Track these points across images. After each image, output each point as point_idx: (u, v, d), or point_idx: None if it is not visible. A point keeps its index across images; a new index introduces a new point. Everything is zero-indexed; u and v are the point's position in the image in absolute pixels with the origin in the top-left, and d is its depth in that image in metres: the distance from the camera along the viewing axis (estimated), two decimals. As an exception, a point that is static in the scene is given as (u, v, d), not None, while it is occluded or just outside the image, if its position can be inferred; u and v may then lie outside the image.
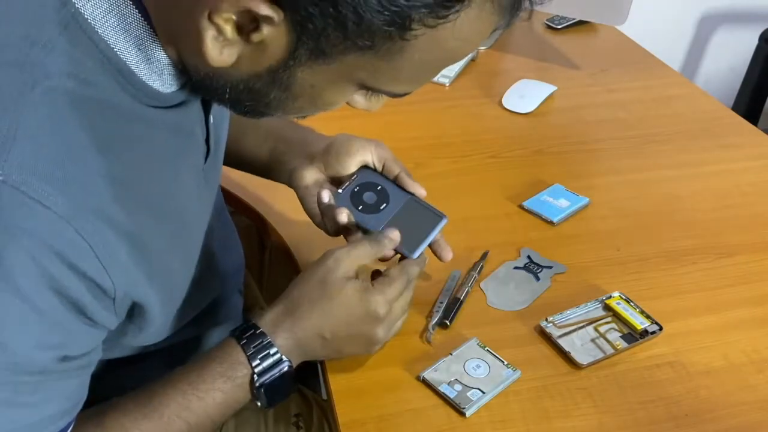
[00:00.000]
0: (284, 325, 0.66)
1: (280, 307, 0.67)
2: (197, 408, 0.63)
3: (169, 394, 0.63)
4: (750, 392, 0.72)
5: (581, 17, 1.38)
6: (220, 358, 0.65)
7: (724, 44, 2.26)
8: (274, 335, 0.65)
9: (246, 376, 0.64)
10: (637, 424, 0.69)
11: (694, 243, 0.91)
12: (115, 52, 0.50)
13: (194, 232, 0.64)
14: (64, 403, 0.55)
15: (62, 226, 0.47)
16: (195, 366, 0.65)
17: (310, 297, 0.67)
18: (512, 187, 0.99)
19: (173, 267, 0.60)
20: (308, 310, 0.66)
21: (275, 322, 0.66)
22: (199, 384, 0.63)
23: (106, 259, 0.50)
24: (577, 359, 0.73)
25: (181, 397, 0.63)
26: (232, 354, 0.65)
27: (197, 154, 0.64)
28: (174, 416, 0.62)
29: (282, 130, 0.85)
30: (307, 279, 0.68)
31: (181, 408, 0.62)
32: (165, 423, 0.62)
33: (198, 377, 0.64)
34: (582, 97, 1.25)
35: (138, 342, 0.65)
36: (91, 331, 0.53)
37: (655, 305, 0.80)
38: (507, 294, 0.82)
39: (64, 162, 0.47)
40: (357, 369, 0.73)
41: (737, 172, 1.05)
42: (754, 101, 2.07)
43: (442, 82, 1.27)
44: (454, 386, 0.70)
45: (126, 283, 0.53)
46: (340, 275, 0.67)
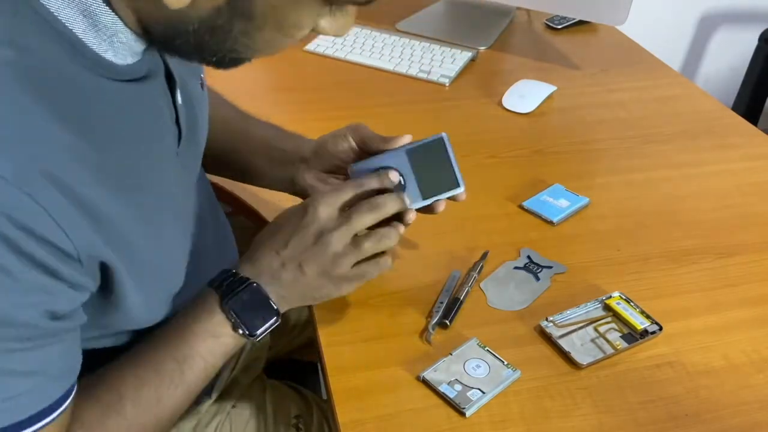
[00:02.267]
0: (252, 259, 0.69)
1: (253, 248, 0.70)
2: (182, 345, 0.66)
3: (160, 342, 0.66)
4: (750, 392, 0.72)
5: (581, 17, 1.38)
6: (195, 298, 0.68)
7: (724, 44, 2.26)
8: (240, 267, 0.69)
9: (214, 301, 0.67)
10: (637, 424, 0.69)
11: (694, 243, 0.91)
12: (59, 20, 0.50)
13: (167, 213, 0.63)
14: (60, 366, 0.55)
15: (11, 190, 0.46)
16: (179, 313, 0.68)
17: (270, 229, 0.70)
18: (512, 187, 0.99)
19: (137, 242, 0.58)
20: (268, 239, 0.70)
21: (245, 260, 0.70)
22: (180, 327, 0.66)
23: (63, 221, 0.49)
24: (577, 359, 0.73)
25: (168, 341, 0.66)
26: (204, 290, 0.68)
27: (167, 135, 0.64)
28: (163, 358, 0.65)
29: (274, 140, 0.87)
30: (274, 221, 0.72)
31: (169, 347, 0.65)
32: (156, 364, 0.65)
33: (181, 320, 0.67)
34: (582, 97, 1.25)
35: (126, 324, 0.65)
36: (71, 292, 0.53)
37: (655, 305, 0.80)
38: (507, 294, 0.82)
39: (7, 127, 0.47)
40: (357, 369, 0.73)
41: (737, 172, 1.05)
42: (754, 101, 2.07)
43: (442, 82, 1.27)
44: (454, 386, 0.70)
45: (87, 244, 0.52)
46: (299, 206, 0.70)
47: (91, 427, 0.60)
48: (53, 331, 0.53)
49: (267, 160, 0.86)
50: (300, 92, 1.25)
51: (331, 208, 0.69)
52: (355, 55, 1.35)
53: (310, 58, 1.36)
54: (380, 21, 1.48)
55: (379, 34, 1.40)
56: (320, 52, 1.36)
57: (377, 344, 0.76)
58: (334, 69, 1.32)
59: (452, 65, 1.31)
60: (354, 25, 1.47)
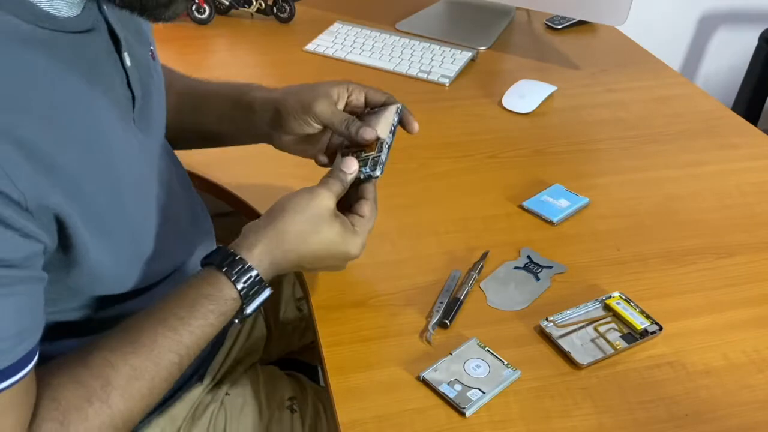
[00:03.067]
0: (272, 259, 0.68)
1: (269, 242, 0.69)
2: (189, 341, 0.64)
3: (159, 331, 0.63)
4: (750, 392, 0.72)
5: (581, 17, 1.38)
6: (211, 295, 0.65)
7: (724, 44, 2.26)
8: (262, 268, 0.68)
9: (235, 309, 0.67)
10: (637, 424, 0.69)
11: (694, 243, 0.91)
12: None
13: (126, 173, 0.63)
14: (21, 322, 0.53)
15: None
16: (184, 302, 0.65)
17: (302, 233, 0.70)
18: (512, 187, 0.99)
19: (93, 194, 0.58)
20: (297, 246, 0.69)
21: (264, 257, 0.68)
22: (191, 320, 0.64)
23: (9, 167, 0.49)
24: (577, 359, 0.73)
25: (173, 333, 0.63)
26: (223, 290, 0.66)
27: (119, 96, 0.64)
28: (165, 350, 0.62)
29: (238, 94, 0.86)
30: (297, 213, 0.70)
31: (172, 342, 0.63)
32: (155, 357, 0.62)
33: (189, 314, 0.64)
34: (582, 97, 1.25)
35: (97, 287, 0.65)
36: (19, 239, 0.52)
37: (655, 305, 0.80)
38: (507, 294, 0.82)
39: None
40: (357, 369, 0.73)
41: (737, 172, 1.05)
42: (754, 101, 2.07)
43: (442, 83, 1.27)
44: (454, 386, 0.70)
45: (37, 195, 0.52)
46: (330, 214, 0.71)
47: (68, 410, 0.57)
48: (7, 280, 0.51)
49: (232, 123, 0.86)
50: (300, 92, 1.25)
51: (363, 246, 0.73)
52: (355, 55, 1.35)
53: (310, 58, 1.36)
54: (380, 21, 1.48)
55: (379, 34, 1.40)
56: (320, 52, 1.36)
57: (377, 344, 0.76)
58: (334, 69, 1.32)
59: (452, 65, 1.31)
60: (354, 26, 1.47)
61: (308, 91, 0.81)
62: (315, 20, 1.47)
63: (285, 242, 0.69)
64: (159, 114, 0.75)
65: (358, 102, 0.82)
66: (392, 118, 0.79)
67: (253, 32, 1.45)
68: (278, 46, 1.40)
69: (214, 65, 1.36)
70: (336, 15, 1.50)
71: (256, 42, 1.42)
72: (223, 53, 1.39)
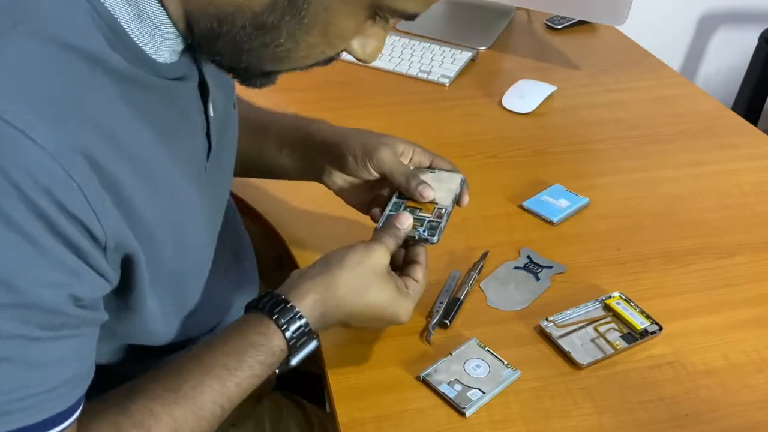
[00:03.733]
0: (323, 312, 0.66)
1: (321, 294, 0.66)
2: (234, 393, 0.61)
3: (205, 381, 0.60)
4: (750, 392, 0.72)
5: (581, 17, 1.38)
6: (260, 344, 0.63)
7: (724, 44, 2.26)
8: (311, 319, 0.65)
9: (281, 359, 0.64)
10: (637, 424, 0.69)
11: (694, 243, 0.91)
12: (104, 6, 0.49)
13: (192, 223, 0.62)
14: (78, 367, 0.52)
15: (49, 161, 0.44)
16: (231, 350, 0.62)
17: (355, 290, 0.67)
18: (512, 187, 0.99)
19: (162, 242, 0.57)
20: (350, 303, 0.66)
21: (315, 308, 0.65)
22: (238, 372, 0.61)
23: (95, 201, 0.48)
24: (577, 359, 0.73)
25: (219, 384, 0.60)
26: (273, 340, 0.63)
27: (197, 145, 0.63)
28: (209, 402, 0.60)
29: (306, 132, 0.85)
30: (352, 269, 0.67)
31: (217, 394, 0.60)
32: (198, 408, 0.59)
33: (237, 365, 0.61)
34: (582, 97, 1.25)
35: (141, 335, 0.63)
36: (96, 278, 0.51)
37: (655, 305, 0.80)
38: (507, 294, 0.82)
39: (61, 104, 0.46)
40: (357, 369, 0.73)
41: (737, 172, 1.05)
42: (754, 101, 2.07)
43: (442, 82, 1.27)
44: (454, 386, 0.70)
45: (115, 232, 0.50)
46: (385, 272, 0.68)
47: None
48: (76, 320, 0.50)
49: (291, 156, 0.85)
50: (300, 92, 1.25)
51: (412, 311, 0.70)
52: (355, 55, 1.35)
53: (310, 58, 1.36)
54: (380, 21, 1.48)
55: (379, 34, 1.40)
56: (320, 52, 1.36)
57: (377, 344, 0.76)
58: (334, 69, 1.30)
59: (452, 65, 1.31)
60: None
61: (374, 137, 0.80)
62: (315, 20, 1.47)
63: (338, 295, 0.66)
64: (229, 165, 0.74)
65: (421, 165, 0.81)
66: (456, 187, 0.78)
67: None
68: (278, 46, 1.40)
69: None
70: (336, 15, 1.50)
71: (256, 42, 1.42)
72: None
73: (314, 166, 0.83)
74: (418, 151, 0.81)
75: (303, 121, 0.85)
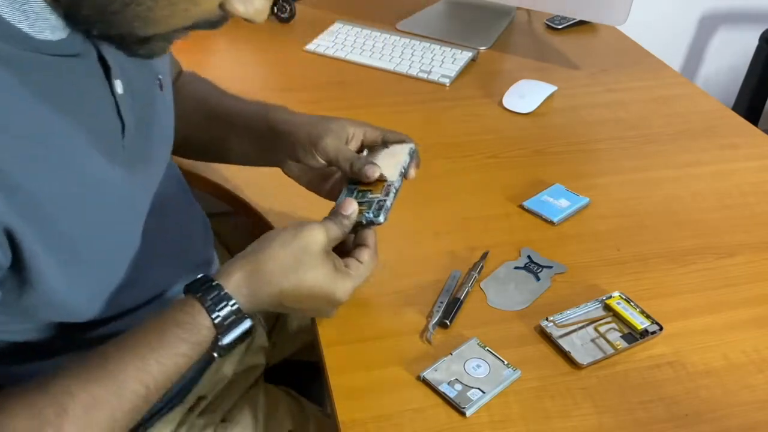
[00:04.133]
0: (251, 290, 0.64)
1: (248, 270, 0.65)
2: (157, 372, 0.60)
3: (126, 359, 0.59)
4: (750, 392, 0.72)
5: (581, 17, 1.38)
6: (184, 322, 0.62)
7: (725, 44, 2.26)
8: (239, 296, 0.64)
9: (209, 339, 0.63)
10: (637, 424, 0.69)
11: (695, 243, 0.91)
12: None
13: (101, 198, 0.62)
14: None
15: None
16: (155, 329, 0.62)
17: (283, 266, 0.65)
18: (512, 187, 0.99)
19: (58, 217, 0.57)
20: (277, 281, 0.65)
21: (242, 285, 0.64)
22: (160, 348, 0.60)
23: None
24: (577, 359, 0.73)
25: (140, 362, 0.59)
26: (197, 318, 0.62)
27: (104, 121, 0.63)
28: (131, 380, 0.59)
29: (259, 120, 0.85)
30: (282, 246, 0.66)
31: (138, 371, 0.59)
32: (118, 386, 0.58)
33: (158, 341, 0.61)
34: (582, 97, 1.25)
35: (54, 312, 0.63)
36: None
37: (656, 305, 0.80)
38: (507, 294, 0.82)
39: None
40: (357, 369, 0.73)
41: (737, 172, 1.05)
42: (754, 101, 2.07)
43: (443, 82, 1.27)
44: (454, 386, 0.70)
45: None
46: (319, 251, 0.66)
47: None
48: None
49: (244, 140, 0.85)
50: (300, 92, 1.25)
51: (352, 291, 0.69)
52: (355, 55, 1.35)
53: (310, 58, 1.36)
54: (381, 21, 1.48)
55: (380, 34, 1.40)
56: (320, 52, 1.36)
57: (377, 344, 0.76)
58: (334, 69, 1.32)
59: (452, 65, 1.31)
60: (354, 25, 1.47)
61: (321, 124, 0.78)
62: (315, 20, 1.47)
63: (266, 271, 0.65)
64: (159, 144, 0.73)
65: (375, 143, 0.80)
66: (403, 158, 0.75)
67: (253, 32, 1.45)
68: (278, 46, 1.40)
69: (215, 65, 1.36)
70: (336, 15, 1.50)
71: (257, 42, 1.42)
72: (223, 53, 1.39)
73: (272, 154, 0.83)
74: (369, 130, 0.80)
75: (264, 108, 0.85)
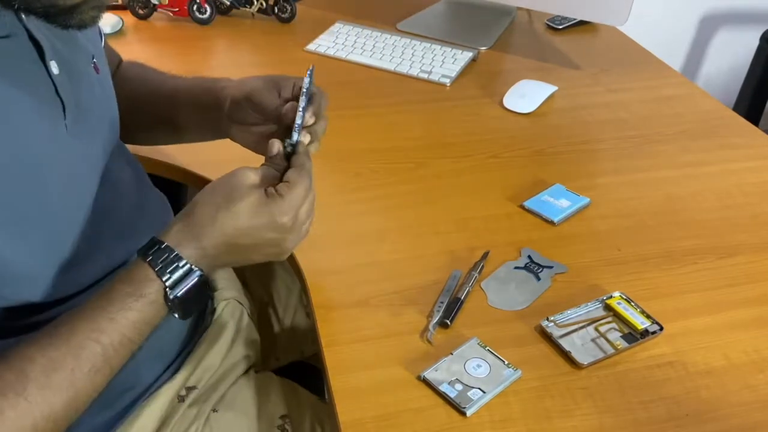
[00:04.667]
0: (190, 236, 0.65)
1: (183, 219, 0.66)
2: (109, 328, 0.61)
3: (76, 322, 0.61)
4: (751, 392, 0.72)
5: (582, 17, 1.38)
6: (128, 278, 0.63)
7: (725, 44, 2.26)
8: (181, 247, 0.64)
9: (158, 292, 0.63)
10: (637, 424, 0.69)
11: (695, 243, 0.91)
12: None
13: (47, 177, 0.63)
14: None
15: None
16: (102, 291, 0.63)
17: (214, 203, 0.66)
18: (513, 187, 0.99)
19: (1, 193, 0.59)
20: (212, 218, 0.65)
21: (180, 235, 0.65)
22: (108, 306, 0.61)
23: None
24: (577, 359, 0.73)
25: (91, 321, 0.61)
26: (140, 272, 0.63)
27: (41, 101, 0.63)
28: (84, 338, 0.60)
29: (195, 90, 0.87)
30: (209, 190, 0.67)
31: (90, 330, 0.60)
32: (75, 347, 0.59)
33: (107, 300, 0.62)
34: (583, 98, 1.25)
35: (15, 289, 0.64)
36: None
37: (656, 305, 0.80)
38: (508, 294, 0.82)
39: None
40: (357, 369, 0.73)
41: (738, 172, 1.05)
42: (755, 101, 2.07)
43: (443, 83, 1.27)
44: (454, 386, 0.70)
45: None
46: (247, 183, 0.67)
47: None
48: None
49: (192, 113, 0.86)
50: (301, 92, 1.25)
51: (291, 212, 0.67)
52: (355, 55, 1.35)
53: (310, 58, 1.36)
54: (381, 21, 1.48)
55: (380, 35, 1.40)
56: (320, 52, 1.36)
57: (377, 344, 0.76)
58: (335, 69, 1.32)
59: (453, 65, 1.31)
60: (355, 26, 1.47)
61: (253, 79, 0.80)
62: (316, 20, 1.47)
63: (200, 215, 0.65)
64: (102, 123, 0.74)
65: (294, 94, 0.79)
66: (305, 81, 0.75)
67: (254, 32, 1.45)
68: (279, 46, 1.40)
69: (215, 65, 1.37)
70: (337, 15, 1.50)
71: (257, 42, 1.42)
72: (224, 53, 1.40)
73: (219, 122, 0.83)
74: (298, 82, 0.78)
75: (206, 81, 0.86)
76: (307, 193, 0.68)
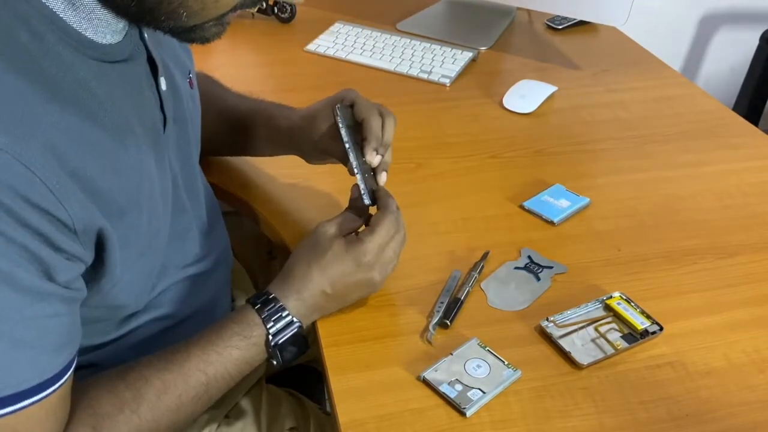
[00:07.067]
0: (291, 289, 0.72)
1: (284, 275, 0.73)
2: (215, 361, 0.67)
3: (190, 350, 0.67)
4: (751, 392, 0.72)
5: (582, 17, 1.38)
6: (237, 319, 0.70)
7: (725, 44, 2.26)
8: (285, 299, 0.71)
9: (261, 336, 0.70)
10: (637, 424, 0.69)
11: (695, 243, 0.91)
12: (44, 4, 0.53)
13: (150, 195, 0.65)
14: (57, 341, 0.56)
15: (8, 160, 0.48)
16: (214, 327, 0.70)
17: (306, 260, 0.73)
18: (513, 187, 0.99)
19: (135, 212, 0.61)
20: (307, 273, 0.72)
21: (283, 288, 0.72)
22: (218, 341, 0.68)
23: (60, 191, 0.51)
24: (577, 359, 0.73)
25: (201, 352, 0.67)
26: (248, 316, 0.70)
27: (151, 118, 0.66)
28: (194, 368, 0.67)
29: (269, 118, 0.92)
30: (300, 248, 0.75)
31: (200, 361, 0.67)
32: (185, 374, 0.66)
33: (217, 336, 0.69)
34: (582, 98, 1.25)
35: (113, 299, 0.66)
36: (67, 263, 0.54)
37: (656, 305, 0.80)
38: (507, 294, 0.82)
39: (5, 103, 0.49)
40: (357, 369, 0.73)
41: (738, 172, 1.05)
42: (754, 101, 2.07)
43: (443, 83, 1.27)
44: (454, 386, 0.70)
45: (83, 215, 0.54)
46: (327, 236, 0.74)
47: (101, 417, 0.62)
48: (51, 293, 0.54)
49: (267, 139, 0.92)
50: (300, 92, 1.25)
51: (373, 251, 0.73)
52: (355, 55, 1.35)
53: (310, 58, 1.36)
54: (381, 21, 1.48)
55: (380, 35, 1.40)
56: (320, 52, 1.36)
57: (377, 344, 0.76)
58: (334, 69, 1.32)
59: (453, 65, 1.31)
60: (354, 26, 1.47)
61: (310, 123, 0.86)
62: (316, 20, 1.47)
63: (298, 273, 0.73)
64: (192, 140, 0.77)
65: None
66: (338, 122, 0.80)
67: (253, 32, 1.45)
68: (279, 46, 1.40)
69: (215, 65, 1.36)
70: (337, 15, 1.50)
71: (257, 42, 1.42)
72: (223, 53, 1.39)
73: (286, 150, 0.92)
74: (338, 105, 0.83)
75: (274, 111, 0.92)
76: (392, 233, 0.75)
